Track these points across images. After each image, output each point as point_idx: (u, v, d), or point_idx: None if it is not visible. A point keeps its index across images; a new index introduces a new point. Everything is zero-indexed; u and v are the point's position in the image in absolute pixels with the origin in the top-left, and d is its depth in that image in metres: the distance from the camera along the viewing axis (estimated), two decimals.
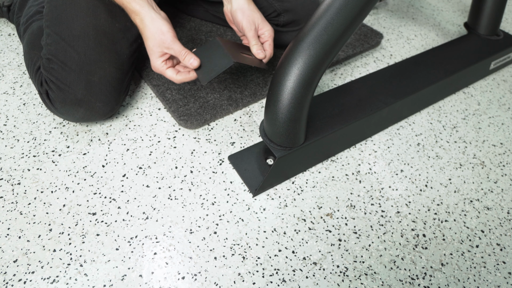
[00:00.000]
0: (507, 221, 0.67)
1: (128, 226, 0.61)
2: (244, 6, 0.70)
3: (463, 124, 0.84)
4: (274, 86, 0.59)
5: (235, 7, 0.70)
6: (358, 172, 0.72)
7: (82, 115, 0.70)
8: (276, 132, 0.61)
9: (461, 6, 1.29)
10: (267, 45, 0.71)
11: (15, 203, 0.63)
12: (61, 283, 0.54)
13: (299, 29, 0.79)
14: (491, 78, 0.98)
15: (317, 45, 0.55)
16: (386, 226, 0.64)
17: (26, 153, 0.70)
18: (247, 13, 0.69)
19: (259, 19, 0.70)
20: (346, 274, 0.58)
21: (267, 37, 0.71)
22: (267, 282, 0.56)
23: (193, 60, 0.64)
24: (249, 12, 0.69)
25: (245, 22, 0.69)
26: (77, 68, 0.67)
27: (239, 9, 0.69)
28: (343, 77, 0.93)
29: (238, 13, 0.69)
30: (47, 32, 0.69)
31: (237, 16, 0.69)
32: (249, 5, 0.70)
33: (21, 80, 0.86)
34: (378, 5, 1.25)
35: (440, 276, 0.59)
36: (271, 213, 0.64)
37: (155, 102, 0.82)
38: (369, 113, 0.72)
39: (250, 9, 0.70)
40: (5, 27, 1.01)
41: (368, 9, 0.56)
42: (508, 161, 0.77)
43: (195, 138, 0.75)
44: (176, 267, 0.57)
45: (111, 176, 0.68)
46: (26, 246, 0.58)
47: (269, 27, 0.71)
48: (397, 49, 1.05)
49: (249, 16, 0.69)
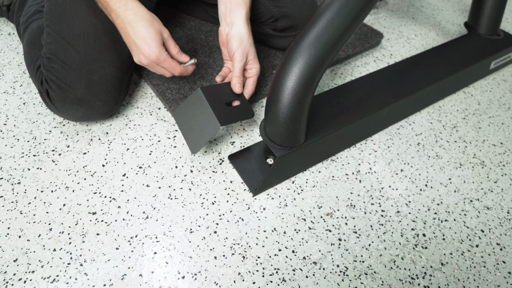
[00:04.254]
0: (507, 220, 0.67)
1: (128, 226, 0.61)
2: (244, 36, 0.67)
3: (463, 124, 0.84)
4: (275, 86, 0.59)
5: (234, 33, 0.66)
6: (358, 172, 0.72)
7: (82, 114, 0.70)
8: (276, 131, 0.61)
9: (461, 5, 1.29)
10: (251, 82, 0.69)
11: (15, 203, 0.63)
12: (61, 282, 0.54)
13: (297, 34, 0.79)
14: (491, 78, 0.98)
15: (318, 45, 0.55)
16: (386, 225, 0.64)
17: (26, 153, 0.70)
18: (244, 45, 0.66)
19: (252, 54, 0.68)
20: (346, 273, 0.58)
21: (253, 74, 0.70)
22: (267, 282, 0.56)
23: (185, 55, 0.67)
24: (246, 44, 0.67)
25: (238, 53, 0.66)
26: (77, 67, 0.67)
27: (237, 36, 0.66)
28: (343, 77, 0.93)
29: (235, 41, 0.66)
30: (47, 31, 0.69)
31: (233, 43, 0.66)
32: (248, 37, 0.67)
33: (21, 79, 0.86)
34: (378, 4, 1.25)
35: (440, 276, 0.59)
36: (271, 212, 0.64)
37: (155, 101, 0.82)
38: (369, 112, 0.72)
39: (249, 42, 0.67)
40: (5, 26, 1.01)
41: (369, 9, 0.56)
42: (508, 160, 0.77)
43: None
44: (176, 267, 0.57)
45: (111, 175, 0.68)
46: (26, 245, 0.58)
47: (258, 66, 0.70)
48: (397, 48, 1.05)
49: (245, 49, 0.67)
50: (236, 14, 0.67)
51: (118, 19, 0.62)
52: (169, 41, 0.65)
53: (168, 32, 0.64)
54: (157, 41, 0.61)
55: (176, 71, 0.66)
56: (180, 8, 1.02)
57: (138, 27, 0.61)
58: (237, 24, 0.67)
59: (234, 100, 0.68)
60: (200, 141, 0.61)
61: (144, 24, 0.61)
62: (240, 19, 0.67)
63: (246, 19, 0.67)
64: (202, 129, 0.62)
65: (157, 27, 0.62)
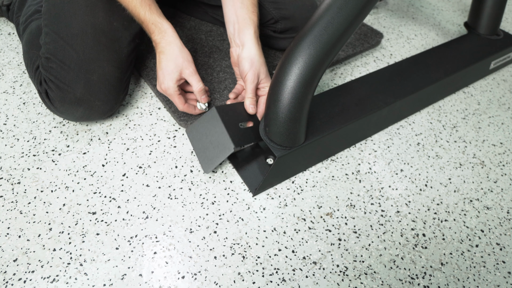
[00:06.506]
0: (506, 220, 0.67)
1: (128, 226, 0.61)
2: (255, 57, 0.67)
3: (463, 124, 0.84)
4: (275, 86, 0.59)
5: (246, 55, 0.67)
6: (358, 172, 0.72)
7: (81, 114, 0.70)
8: (276, 131, 0.61)
9: (461, 5, 1.29)
10: (263, 101, 0.69)
11: (15, 202, 0.63)
12: (61, 282, 0.54)
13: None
14: (491, 78, 0.98)
15: (318, 45, 0.55)
16: (386, 225, 0.64)
17: (26, 152, 0.70)
18: (255, 65, 0.67)
19: (264, 73, 0.69)
20: (346, 273, 0.58)
21: (265, 92, 0.70)
22: (267, 282, 0.56)
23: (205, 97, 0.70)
24: (258, 64, 0.67)
25: (250, 75, 0.67)
26: (76, 67, 0.67)
27: (248, 58, 0.67)
28: (343, 77, 0.93)
29: (246, 63, 0.67)
30: (46, 31, 0.69)
31: (244, 64, 0.67)
32: (259, 57, 0.68)
33: (21, 79, 0.85)
34: (378, 4, 1.25)
35: (440, 276, 0.59)
36: (271, 212, 0.64)
37: (155, 101, 0.82)
38: (369, 112, 0.72)
39: (260, 62, 0.68)
40: (4, 26, 1.01)
41: (369, 9, 0.56)
42: (508, 160, 0.77)
43: None
44: (176, 267, 0.57)
45: (111, 175, 0.68)
46: (26, 245, 0.58)
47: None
48: (397, 48, 1.05)
49: (256, 69, 0.67)
50: (245, 34, 0.67)
51: (156, 47, 0.68)
52: (192, 77, 0.67)
53: (194, 69, 0.67)
54: (171, 75, 0.66)
55: (179, 107, 0.70)
56: (180, 8, 1.02)
57: (163, 59, 0.66)
58: (248, 45, 0.67)
59: (247, 120, 0.68)
60: (213, 161, 0.62)
61: (167, 57, 0.65)
62: (249, 39, 0.67)
63: (256, 38, 0.68)
64: (216, 149, 0.62)
65: (179, 63, 0.66)
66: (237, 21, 0.68)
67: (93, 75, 0.68)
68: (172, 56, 0.65)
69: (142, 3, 0.65)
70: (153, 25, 0.66)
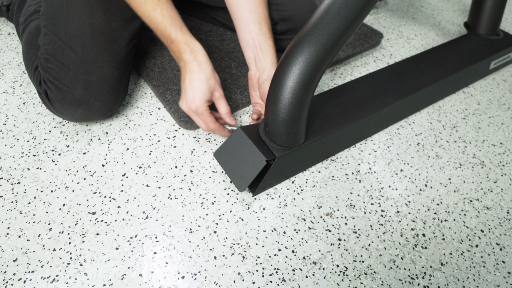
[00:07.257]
0: (506, 220, 0.67)
1: (128, 226, 0.61)
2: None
3: (463, 124, 0.84)
4: (274, 86, 0.59)
5: (266, 76, 0.69)
6: (358, 172, 0.72)
7: (81, 114, 0.70)
8: (276, 131, 0.61)
9: (461, 5, 1.29)
10: None
11: (15, 203, 0.63)
12: (61, 282, 0.54)
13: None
14: (491, 78, 0.98)
15: (318, 45, 0.55)
16: (386, 225, 0.64)
17: (26, 153, 0.70)
18: None
19: None
20: (346, 273, 0.58)
21: None
22: (267, 282, 0.56)
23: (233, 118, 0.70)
24: None
25: None
26: (75, 67, 0.67)
27: (269, 79, 0.68)
28: (343, 77, 0.93)
29: (268, 84, 0.68)
30: (44, 31, 0.69)
31: (266, 86, 0.68)
32: None
33: (20, 79, 0.85)
34: (378, 4, 1.25)
35: (440, 276, 0.59)
36: (271, 212, 0.64)
37: (155, 101, 0.82)
38: (369, 112, 0.72)
39: None
40: (4, 26, 1.01)
41: (369, 9, 0.56)
42: (507, 160, 0.77)
43: (195, 137, 0.75)
44: (176, 267, 0.57)
45: (111, 175, 0.68)
46: (26, 245, 0.58)
47: None
48: (397, 48, 1.05)
49: None
50: (266, 60, 0.70)
51: (185, 66, 0.66)
52: (220, 101, 0.68)
53: (222, 93, 0.69)
54: (204, 95, 0.65)
55: (210, 127, 0.68)
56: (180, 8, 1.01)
57: (195, 78, 0.65)
58: (269, 69, 0.70)
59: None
60: (247, 178, 0.62)
61: (201, 78, 0.65)
62: (270, 64, 0.70)
63: (276, 63, 0.71)
64: (247, 166, 0.63)
65: (211, 85, 0.66)
66: (257, 46, 0.71)
67: (92, 76, 0.68)
68: (206, 77, 0.65)
69: (173, 23, 0.67)
70: (185, 45, 0.66)
